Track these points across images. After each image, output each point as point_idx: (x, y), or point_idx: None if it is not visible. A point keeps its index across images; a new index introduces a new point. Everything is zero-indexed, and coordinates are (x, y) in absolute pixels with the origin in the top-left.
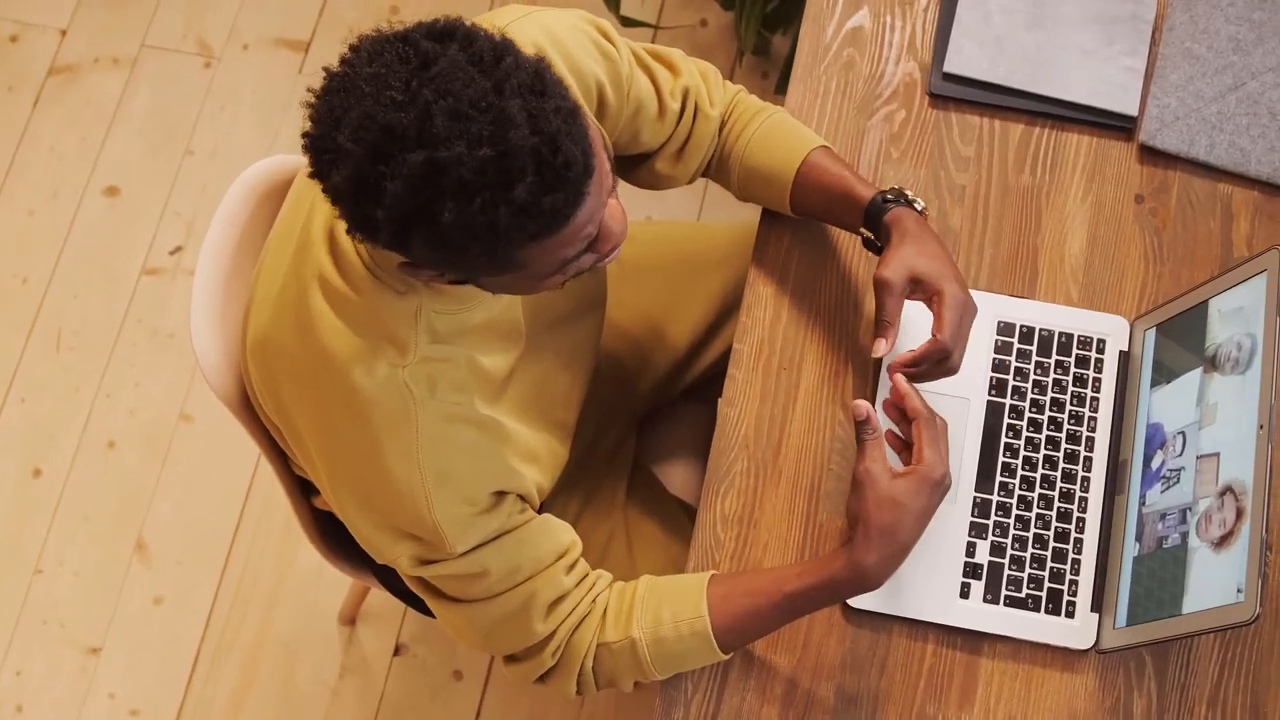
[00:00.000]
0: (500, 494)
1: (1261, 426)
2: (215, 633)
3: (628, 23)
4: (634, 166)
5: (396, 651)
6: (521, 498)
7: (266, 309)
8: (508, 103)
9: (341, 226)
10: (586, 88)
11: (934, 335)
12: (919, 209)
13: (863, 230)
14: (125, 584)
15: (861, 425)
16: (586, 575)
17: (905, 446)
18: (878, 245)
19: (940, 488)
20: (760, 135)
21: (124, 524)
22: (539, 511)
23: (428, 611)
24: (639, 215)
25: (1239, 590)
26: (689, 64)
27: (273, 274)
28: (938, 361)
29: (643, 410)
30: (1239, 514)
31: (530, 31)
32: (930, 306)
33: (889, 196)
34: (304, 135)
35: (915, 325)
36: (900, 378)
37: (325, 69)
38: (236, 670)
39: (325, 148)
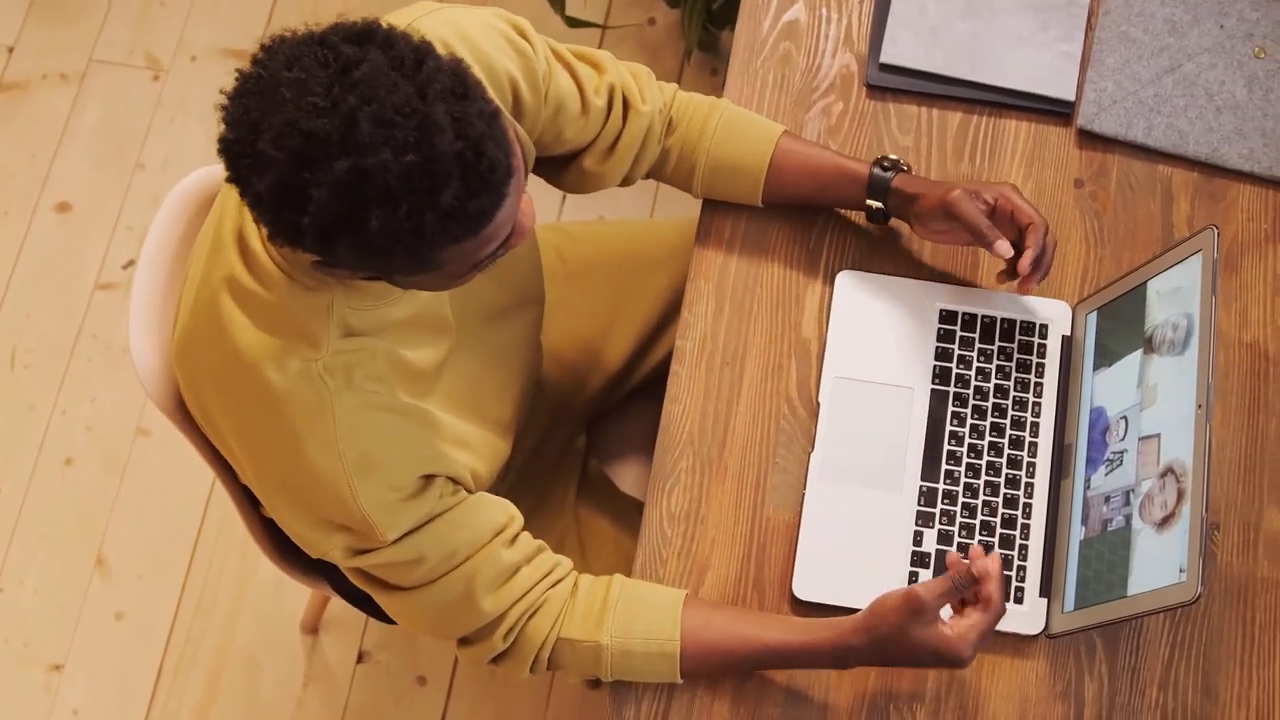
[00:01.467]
0: (428, 478)
1: (1200, 406)
2: (178, 646)
3: (574, 23)
4: (563, 167)
5: (360, 659)
6: (454, 480)
7: (185, 314)
8: (432, 108)
9: (251, 226)
10: (499, 85)
11: (1029, 216)
12: (907, 167)
13: (870, 203)
14: (86, 600)
15: (962, 574)
16: (540, 555)
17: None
18: (885, 214)
19: (947, 664)
20: (724, 129)
21: (83, 540)
22: None
23: (385, 618)
24: (591, 215)
25: (1181, 570)
26: (616, 64)
27: (192, 279)
28: (1045, 236)
29: (592, 410)
30: (1180, 495)
31: (438, 28)
32: (1002, 206)
33: (885, 165)
34: (220, 140)
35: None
36: (997, 561)
37: (238, 70)
38: (200, 683)
39: (244, 153)
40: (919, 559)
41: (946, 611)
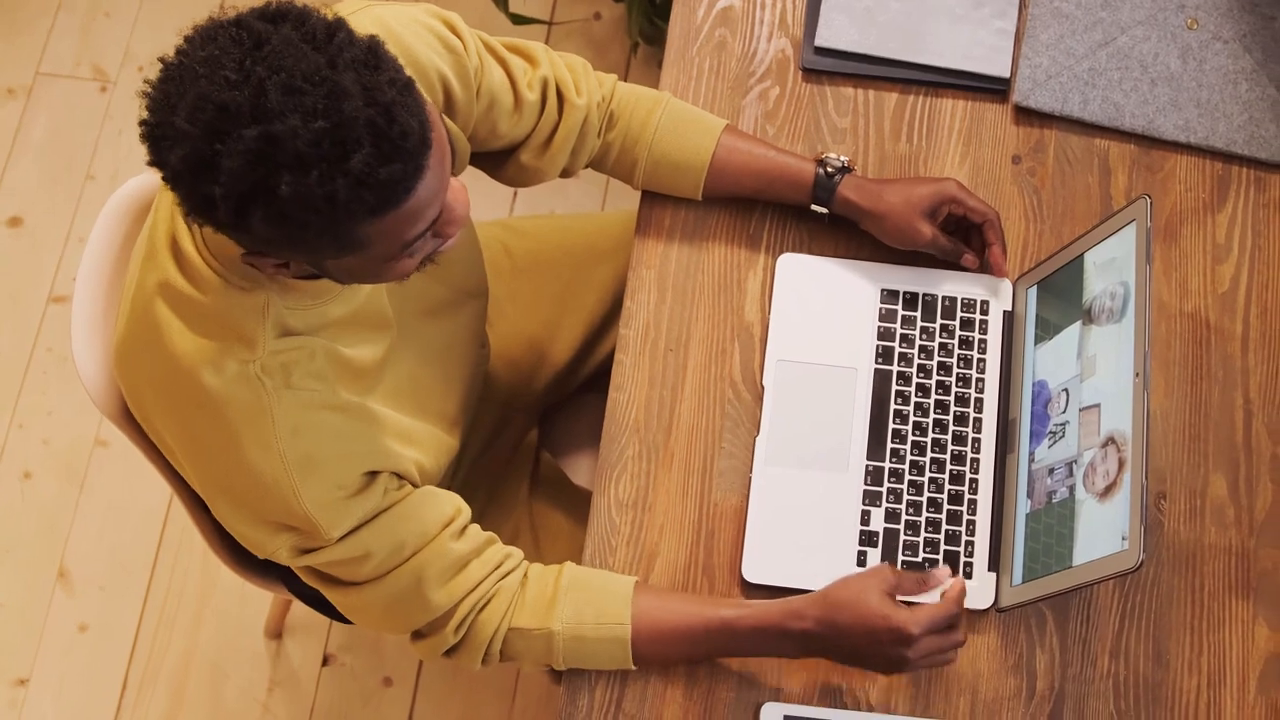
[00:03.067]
0: (372, 475)
1: (1137, 375)
2: (142, 656)
3: (519, 20)
4: (501, 162)
5: (325, 662)
6: (399, 476)
7: (122, 321)
8: (341, 76)
9: (184, 230)
10: (429, 82)
11: (982, 214)
12: (852, 168)
13: (815, 208)
14: (50, 613)
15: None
16: (491, 547)
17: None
18: (829, 217)
19: (895, 642)
20: (666, 125)
21: (45, 553)
22: None
23: (343, 619)
24: (543, 209)
25: (1124, 538)
26: (551, 56)
27: (129, 286)
28: (998, 223)
29: (542, 404)
30: (1121, 464)
31: (364, 24)
32: (954, 211)
33: (830, 170)
34: (141, 124)
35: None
36: (960, 583)
37: (161, 59)
38: (166, 692)
39: (162, 134)
40: (867, 538)
41: None
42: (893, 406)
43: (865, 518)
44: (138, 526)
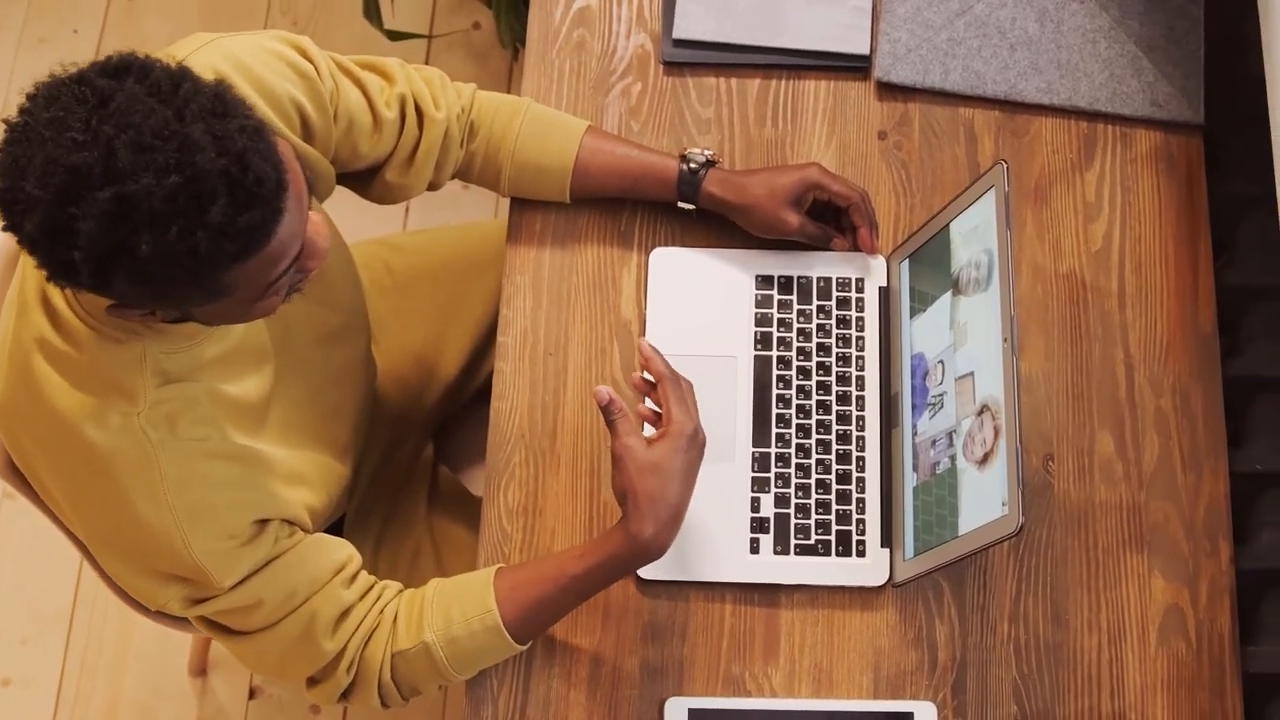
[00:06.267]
0: (263, 522)
1: (1005, 340)
2: (67, 706)
3: (395, 36)
4: (367, 181)
5: (251, 695)
6: (290, 523)
7: (1, 378)
8: (190, 128)
9: (54, 287)
10: (284, 111)
11: (847, 198)
12: (716, 161)
13: (682, 204)
14: None
15: (607, 409)
16: (372, 588)
17: (658, 418)
18: (698, 211)
19: (695, 443)
20: (528, 130)
21: None
22: (330, 533)
23: None
24: (436, 221)
25: (1003, 504)
26: (407, 71)
27: (3, 342)
28: (864, 205)
29: (435, 419)
30: (996, 431)
31: (211, 60)
32: (818, 197)
33: (693, 167)
34: None
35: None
36: (645, 343)
37: (4, 120)
38: None
39: (14, 199)
40: (759, 525)
41: None
42: (775, 391)
43: (755, 505)
44: (53, 576)
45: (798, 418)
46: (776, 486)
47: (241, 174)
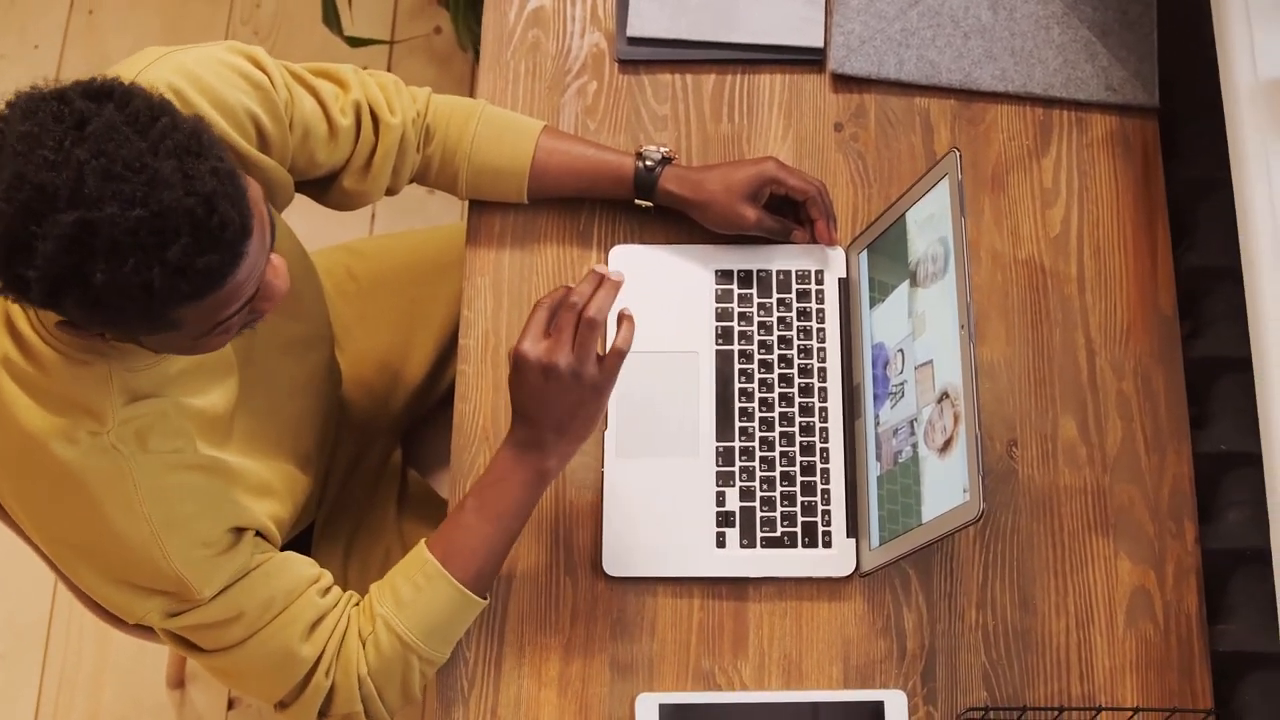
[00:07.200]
0: (238, 531)
1: (962, 327)
2: None
3: (356, 43)
4: (325, 188)
5: (230, 705)
6: (260, 535)
7: None
8: (162, 164)
9: (16, 309)
10: (240, 123)
11: (803, 191)
12: (672, 158)
13: (639, 202)
14: None
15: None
16: (341, 597)
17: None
18: (656, 208)
19: (520, 366)
20: (484, 132)
21: None
22: (299, 542)
23: None
24: (402, 227)
25: (965, 491)
26: (361, 77)
27: None
28: (821, 198)
29: (403, 423)
30: (956, 418)
31: (166, 74)
32: (775, 191)
33: (649, 164)
34: None
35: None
36: (603, 269)
37: None
38: None
39: None
40: (724, 518)
41: None
42: (737, 385)
43: (721, 499)
44: (29, 593)
45: (761, 411)
46: (741, 480)
47: (207, 216)
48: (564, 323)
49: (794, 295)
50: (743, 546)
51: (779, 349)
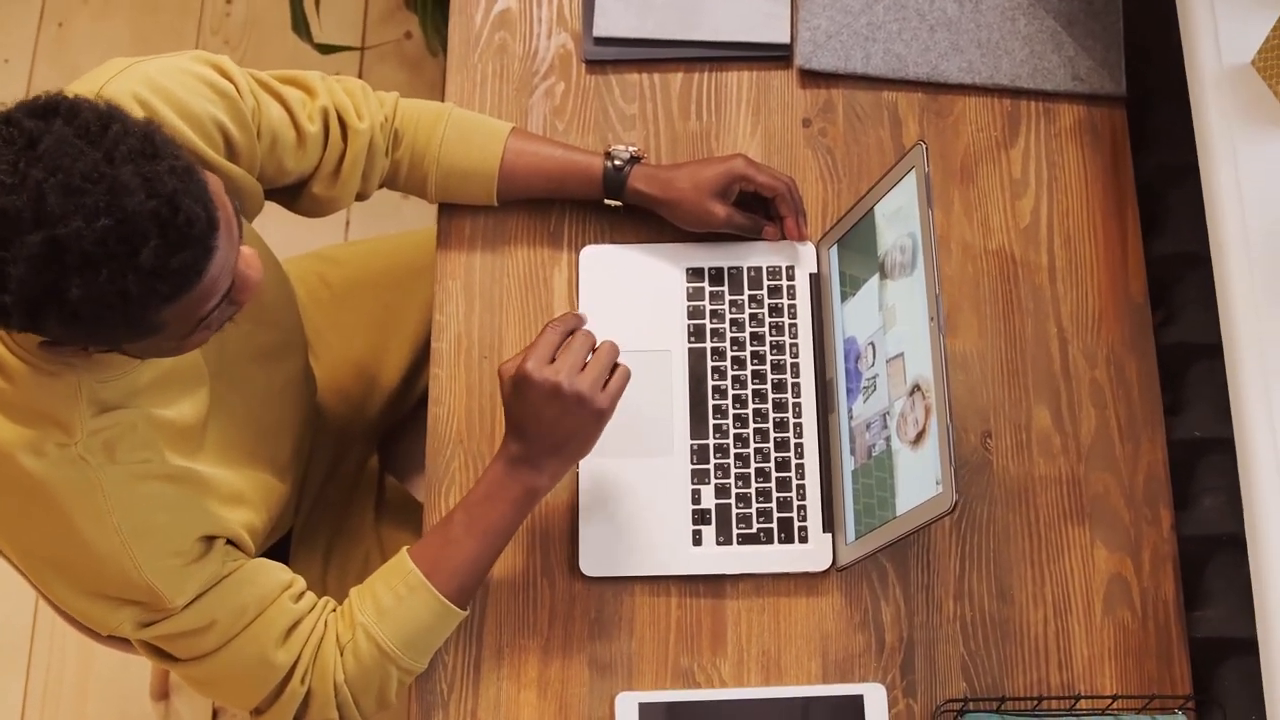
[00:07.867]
0: (209, 539)
1: (932, 319)
2: None
3: (327, 50)
4: (295, 195)
5: (215, 716)
6: (232, 543)
7: None
8: (120, 170)
9: None
10: (207, 132)
11: (772, 188)
12: (640, 157)
13: (609, 201)
14: None
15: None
16: (317, 603)
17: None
18: (626, 207)
19: (509, 383)
20: (452, 135)
21: None
22: (278, 549)
23: None
24: (376, 232)
25: (937, 482)
26: (328, 83)
27: None
28: (791, 194)
29: (379, 429)
30: (927, 410)
31: (130, 85)
32: (744, 188)
33: (617, 164)
34: None
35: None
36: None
37: None
38: None
39: None
40: (700, 516)
41: None
42: (710, 383)
43: (696, 496)
44: (10, 608)
45: (734, 408)
46: (716, 477)
47: (172, 215)
48: (577, 347)
49: (765, 292)
50: (719, 544)
51: (751, 346)
